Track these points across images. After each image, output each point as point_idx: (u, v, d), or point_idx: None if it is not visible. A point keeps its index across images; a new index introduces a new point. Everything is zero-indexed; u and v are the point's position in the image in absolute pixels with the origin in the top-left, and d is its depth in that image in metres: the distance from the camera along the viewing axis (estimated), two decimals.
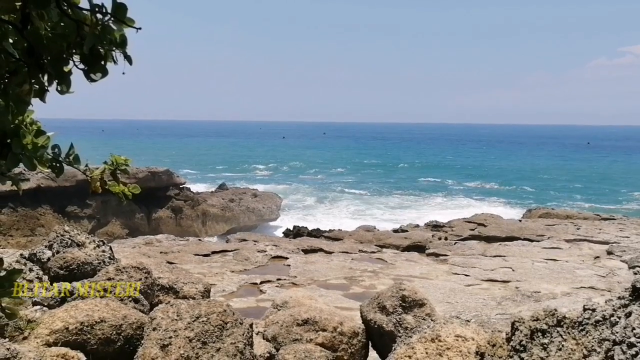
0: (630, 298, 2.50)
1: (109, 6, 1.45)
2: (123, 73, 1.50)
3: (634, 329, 2.25)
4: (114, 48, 1.47)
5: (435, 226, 18.24)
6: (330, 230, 18.30)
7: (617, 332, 2.37)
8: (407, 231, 17.53)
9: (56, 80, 1.52)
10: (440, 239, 16.09)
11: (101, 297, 5.83)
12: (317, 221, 32.17)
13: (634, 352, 2.19)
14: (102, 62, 1.48)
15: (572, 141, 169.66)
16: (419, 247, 15.23)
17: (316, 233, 17.89)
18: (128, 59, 1.50)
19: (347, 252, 14.21)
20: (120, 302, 5.77)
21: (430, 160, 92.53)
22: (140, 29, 1.43)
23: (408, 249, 15.23)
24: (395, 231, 17.89)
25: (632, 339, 2.22)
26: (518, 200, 45.98)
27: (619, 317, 2.46)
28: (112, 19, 1.42)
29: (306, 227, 19.12)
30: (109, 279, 6.33)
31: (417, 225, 19.33)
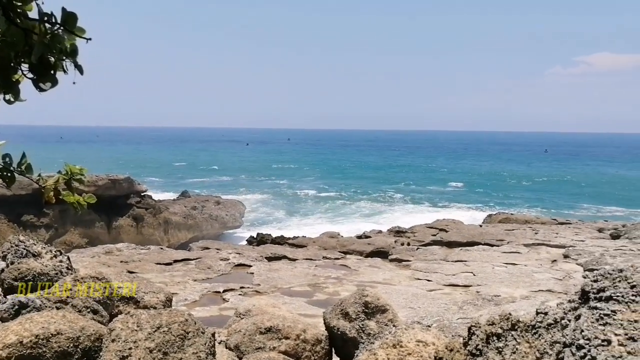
0: (580, 301, 2.59)
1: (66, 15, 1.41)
2: (74, 83, 1.47)
3: (582, 331, 2.33)
4: (64, 57, 1.44)
5: (398, 232, 18.41)
6: (294, 237, 18.27)
7: (567, 335, 2.45)
8: (370, 237, 17.65)
9: (4, 90, 1.49)
10: (403, 244, 16.25)
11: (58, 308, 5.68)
12: (284, 228, 32.11)
13: (582, 354, 2.26)
14: (52, 72, 1.45)
15: (531, 148, 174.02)
16: (382, 253, 15.35)
17: (280, 240, 17.84)
18: (79, 68, 1.47)
19: (311, 259, 14.21)
20: (78, 314, 5.63)
21: (394, 166, 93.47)
22: (90, 39, 1.40)
23: (371, 254, 15.33)
24: (359, 237, 17.99)
25: (581, 341, 2.30)
26: (479, 206, 46.88)
27: (569, 320, 2.54)
28: (62, 28, 1.39)
29: (270, 235, 19.05)
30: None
31: (380, 231, 19.48)
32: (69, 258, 7.74)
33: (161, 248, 15.74)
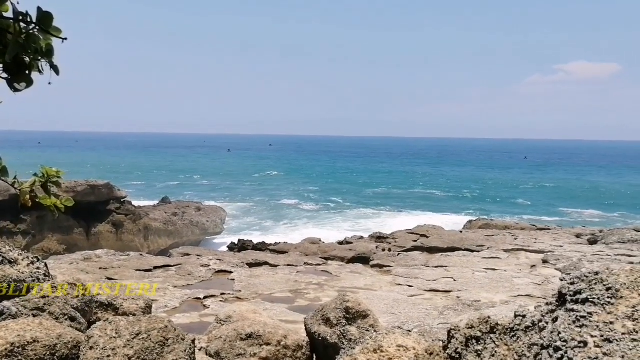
0: (557, 304, 2.63)
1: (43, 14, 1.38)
2: (49, 83, 1.44)
3: (559, 333, 2.36)
4: (39, 57, 1.41)
5: (379, 238, 18.46)
6: (275, 244, 18.21)
7: (544, 337, 2.48)
8: (351, 243, 17.66)
9: None
10: (384, 250, 16.29)
11: (35, 316, 5.58)
12: (266, 234, 32.02)
13: (559, 356, 2.29)
14: (27, 72, 1.42)
15: (511, 154, 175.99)
16: (363, 259, 15.37)
17: (261, 246, 17.77)
18: (55, 68, 1.45)
19: (292, 265, 14.18)
20: (55, 321, 5.55)
21: (376, 172, 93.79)
22: (66, 39, 1.38)
23: (353, 260, 15.34)
24: (340, 243, 17.99)
25: (558, 343, 2.33)
26: (459, 212, 47.23)
27: (547, 323, 2.58)
28: (38, 28, 1.36)
29: (251, 241, 18.96)
30: (44, 297, 6.08)
31: (362, 237, 19.51)
32: (46, 265, 7.61)
33: (141, 254, 15.58)
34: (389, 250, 16.34)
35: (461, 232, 20.37)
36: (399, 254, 15.74)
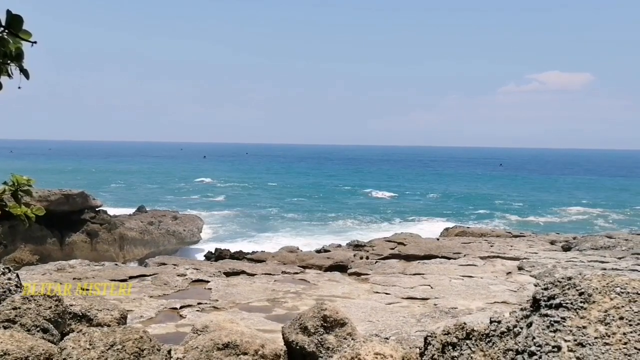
0: (531, 309, 2.66)
1: (18, 18, 1.35)
2: (19, 87, 1.41)
3: (534, 338, 2.39)
4: (9, 61, 1.38)
5: (356, 246, 18.49)
6: (252, 252, 18.12)
7: (519, 342, 2.51)
8: (329, 251, 17.65)
9: None
10: (361, 258, 16.32)
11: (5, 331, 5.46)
12: (244, 243, 31.83)
13: None
14: None
15: (486, 162, 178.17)
16: (341, 267, 15.37)
17: (238, 255, 17.65)
18: (24, 72, 1.41)
19: (269, 274, 14.11)
20: (27, 333, 5.43)
21: (352, 180, 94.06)
22: (35, 42, 1.35)
23: (330, 269, 15.33)
24: (318, 251, 17.98)
25: (533, 348, 2.35)
26: (435, 219, 47.56)
27: (521, 328, 2.61)
28: (7, 31, 1.33)
29: (228, 250, 18.82)
30: (15, 309, 5.95)
31: (340, 245, 19.52)
32: (18, 275, 7.46)
33: (116, 264, 15.37)
34: (367, 258, 16.37)
35: (438, 239, 20.52)
36: (377, 262, 15.78)
